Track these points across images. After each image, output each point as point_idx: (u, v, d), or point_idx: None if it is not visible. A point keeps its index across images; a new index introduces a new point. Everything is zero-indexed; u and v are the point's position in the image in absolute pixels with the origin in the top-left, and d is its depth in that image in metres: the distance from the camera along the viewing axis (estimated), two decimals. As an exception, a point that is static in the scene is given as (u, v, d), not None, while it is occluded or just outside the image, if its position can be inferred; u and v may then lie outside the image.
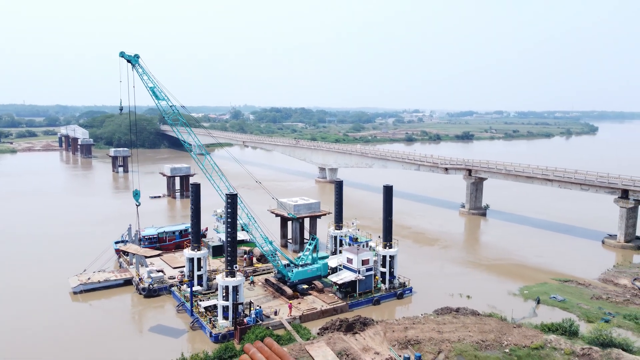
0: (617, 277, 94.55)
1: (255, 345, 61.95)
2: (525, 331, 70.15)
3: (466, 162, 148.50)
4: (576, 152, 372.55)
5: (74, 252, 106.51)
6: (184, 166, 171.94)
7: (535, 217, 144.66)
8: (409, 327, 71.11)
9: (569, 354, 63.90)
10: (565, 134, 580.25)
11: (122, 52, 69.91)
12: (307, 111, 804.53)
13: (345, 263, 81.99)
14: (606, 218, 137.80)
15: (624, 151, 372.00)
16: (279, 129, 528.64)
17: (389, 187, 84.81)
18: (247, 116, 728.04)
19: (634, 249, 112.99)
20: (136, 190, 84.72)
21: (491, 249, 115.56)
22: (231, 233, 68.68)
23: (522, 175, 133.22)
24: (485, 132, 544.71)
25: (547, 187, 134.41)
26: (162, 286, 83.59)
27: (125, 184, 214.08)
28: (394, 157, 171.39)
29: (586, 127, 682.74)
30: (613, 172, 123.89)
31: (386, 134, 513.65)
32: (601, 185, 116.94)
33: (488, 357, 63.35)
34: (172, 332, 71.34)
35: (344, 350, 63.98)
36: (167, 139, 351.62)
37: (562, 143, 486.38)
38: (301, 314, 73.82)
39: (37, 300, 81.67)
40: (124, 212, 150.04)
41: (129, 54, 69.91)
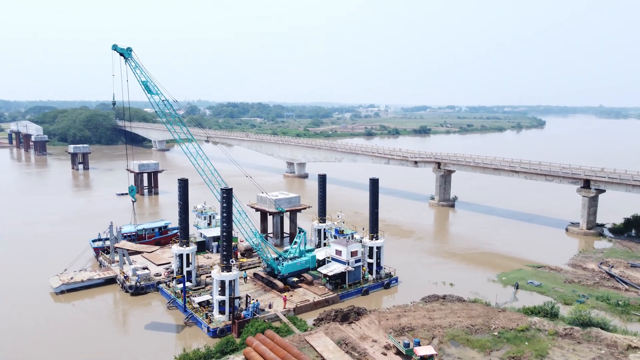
0: (584, 262, 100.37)
1: (257, 337, 62.53)
2: (510, 315, 73.83)
3: (435, 155, 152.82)
4: (528, 144, 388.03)
5: (46, 253, 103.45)
6: (152, 162, 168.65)
7: (500, 208, 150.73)
8: (401, 315, 73.45)
9: (552, 334, 67.85)
10: (516, 127, 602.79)
11: (115, 45, 68.27)
12: (264, 106, 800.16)
13: (334, 255, 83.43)
14: (566, 207, 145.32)
15: (572, 143, 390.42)
16: (237, 124, 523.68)
17: (375, 180, 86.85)
18: (204, 111, 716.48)
19: (595, 236, 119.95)
20: (132, 186, 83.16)
21: (463, 239, 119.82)
22: (227, 228, 68.69)
23: (489, 167, 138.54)
24: (440, 126, 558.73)
25: (513, 179, 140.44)
26: (149, 283, 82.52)
27: (86, 181, 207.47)
28: (364, 151, 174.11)
29: (535, 121, 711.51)
30: (574, 164, 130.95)
31: (345, 128, 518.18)
32: (565, 176, 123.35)
33: (479, 341, 66.39)
34: (166, 328, 70.83)
35: (343, 340, 65.52)
36: (124, 135, 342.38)
37: (514, 136, 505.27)
38: (295, 306, 74.79)
39: (18, 301, 78.97)
40: (90, 210, 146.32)
41: (122, 47, 68.39)
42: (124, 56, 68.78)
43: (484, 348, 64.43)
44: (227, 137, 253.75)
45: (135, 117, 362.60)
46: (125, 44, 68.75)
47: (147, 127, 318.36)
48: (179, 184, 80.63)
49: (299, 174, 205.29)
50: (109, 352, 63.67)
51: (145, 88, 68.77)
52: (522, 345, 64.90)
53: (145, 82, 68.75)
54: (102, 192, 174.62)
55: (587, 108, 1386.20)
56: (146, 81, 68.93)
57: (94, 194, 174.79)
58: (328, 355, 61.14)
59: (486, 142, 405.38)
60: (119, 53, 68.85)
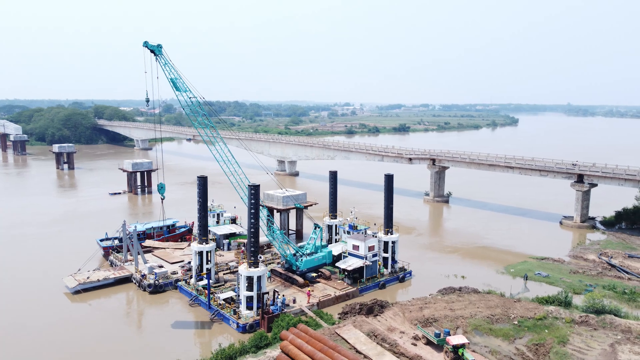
0: (584, 253, 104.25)
1: (291, 331, 63.43)
2: (526, 304, 76.46)
3: (430, 152, 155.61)
4: (505, 141, 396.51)
5: (48, 254, 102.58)
6: (145, 161, 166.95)
7: (493, 203, 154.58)
8: (423, 307, 75.33)
9: (569, 322, 70.71)
10: (491, 125, 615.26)
11: (146, 41, 67.89)
12: (240, 105, 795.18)
13: (350, 250, 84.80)
14: (556, 201, 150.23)
15: (546, 140, 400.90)
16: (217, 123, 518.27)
17: (390, 175, 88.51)
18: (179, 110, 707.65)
19: (588, 228, 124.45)
20: (161, 183, 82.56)
21: (462, 234, 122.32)
22: (254, 224, 69.29)
23: (484, 164, 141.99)
24: (418, 124, 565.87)
25: (507, 174, 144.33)
26: (167, 281, 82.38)
27: (71, 182, 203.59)
28: (357, 149, 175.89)
29: (508, 119, 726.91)
30: (565, 159, 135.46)
31: (325, 126, 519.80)
32: (559, 171, 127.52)
33: (502, 330, 68.73)
34: (192, 326, 71.02)
35: (372, 332, 66.99)
36: (104, 134, 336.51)
37: (490, 134, 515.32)
38: (318, 300, 75.87)
39: (36, 303, 77.90)
40: (82, 210, 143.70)
41: (152, 44, 68.07)
42: (154, 53, 68.51)
43: (507, 337, 66.76)
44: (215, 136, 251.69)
45: (115, 116, 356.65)
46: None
47: (129, 125, 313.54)
48: (198, 182, 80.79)
49: (290, 172, 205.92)
50: (138, 352, 63.65)
51: (174, 86, 68.67)
52: (542, 333, 67.48)
53: (174, 80, 68.67)
54: (92, 192, 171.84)
55: (556, 106, 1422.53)
56: (175, 79, 68.85)
57: (84, 194, 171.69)
58: (360, 346, 62.51)
59: (464, 139, 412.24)
60: (149, 50, 68.55)
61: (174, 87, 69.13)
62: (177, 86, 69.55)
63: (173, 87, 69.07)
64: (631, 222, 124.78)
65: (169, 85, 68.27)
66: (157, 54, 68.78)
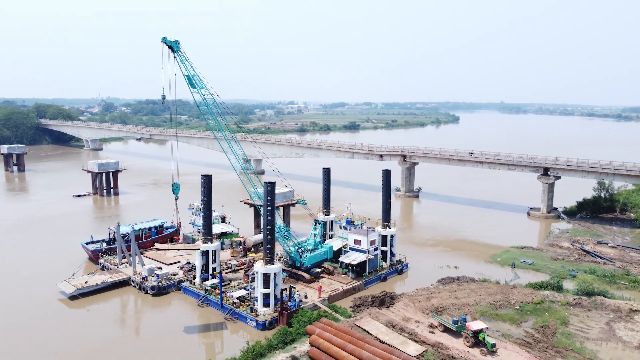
0: (559, 241, 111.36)
1: (316, 326, 64.33)
2: (522, 290, 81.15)
3: (401, 148, 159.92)
4: (454, 137, 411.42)
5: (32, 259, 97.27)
6: (112, 162, 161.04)
7: (460, 197, 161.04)
8: (430, 297, 78.28)
9: (564, 304, 75.83)
10: (436, 123, 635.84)
11: (165, 37, 66.07)
12: (184, 103, 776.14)
13: (352, 245, 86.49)
14: (519, 194, 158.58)
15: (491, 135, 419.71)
16: (163, 122, 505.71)
17: (387, 171, 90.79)
18: (120, 109, 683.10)
19: (554, 218, 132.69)
20: (176, 183, 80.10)
21: (439, 228, 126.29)
22: (270, 221, 69.50)
23: (454, 159, 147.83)
24: (366, 122, 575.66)
25: (476, 169, 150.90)
26: (170, 283, 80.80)
27: (21, 184, 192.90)
28: (327, 146, 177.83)
29: (450, 116, 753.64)
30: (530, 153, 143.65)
31: (275, 125, 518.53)
32: (527, 165, 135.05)
33: (507, 314, 72.81)
34: (208, 327, 70.29)
35: (389, 322, 69.06)
36: (49, 134, 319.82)
37: (436, 130, 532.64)
38: (328, 295, 77.06)
39: (33, 310, 74.38)
40: (43, 214, 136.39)
41: (171, 40, 66.36)
42: (172, 49, 66.97)
43: (513, 321, 70.83)
44: (174, 135, 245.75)
45: (59, 115, 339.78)
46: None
47: (77, 125, 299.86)
48: (203, 180, 79.77)
49: (256, 171, 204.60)
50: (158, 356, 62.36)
51: (189, 82, 67.47)
52: (544, 316, 72.08)
53: (191, 76, 67.46)
54: (50, 195, 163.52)
55: (490, 104, 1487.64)
56: (191, 75, 67.66)
57: (40, 197, 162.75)
58: (383, 337, 64.40)
59: (415, 136, 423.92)
60: (167, 46, 66.91)
61: (189, 84, 68.00)
62: (193, 83, 68.49)
63: (189, 84, 67.94)
64: (591, 211, 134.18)
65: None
66: (175, 50, 67.42)
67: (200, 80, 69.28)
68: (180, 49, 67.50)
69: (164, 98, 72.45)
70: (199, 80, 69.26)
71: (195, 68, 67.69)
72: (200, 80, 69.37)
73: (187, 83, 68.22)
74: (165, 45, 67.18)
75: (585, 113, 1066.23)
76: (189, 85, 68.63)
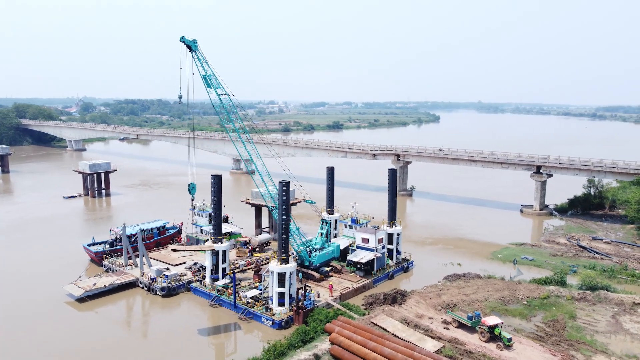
0: (555, 237, 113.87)
1: (335, 324, 64.84)
2: (527, 286, 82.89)
3: (395, 147, 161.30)
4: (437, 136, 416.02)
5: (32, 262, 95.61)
6: (104, 162, 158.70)
7: (453, 195, 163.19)
8: (439, 293, 79.44)
9: (570, 299, 77.80)
10: (417, 122, 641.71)
11: (183, 36, 65.52)
12: (164, 103, 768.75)
13: (359, 243, 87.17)
14: (510, 192, 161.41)
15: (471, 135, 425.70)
16: (144, 122, 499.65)
17: (394, 170, 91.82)
18: (99, 109, 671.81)
19: (547, 215, 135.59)
20: (192, 184, 79.24)
21: (436, 226, 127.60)
22: (285, 220, 69.71)
23: (448, 158, 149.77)
24: (349, 121, 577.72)
25: (470, 167, 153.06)
26: (179, 284, 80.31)
27: (6, 186, 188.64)
28: (320, 146, 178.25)
29: (430, 116, 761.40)
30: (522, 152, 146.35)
31: (257, 124, 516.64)
32: (520, 163, 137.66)
33: (516, 310, 74.35)
34: (223, 327, 70.02)
35: (404, 319, 69.99)
36: (29, 135, 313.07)
37: (418, 130, 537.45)
38: (340, 294, 77.58)
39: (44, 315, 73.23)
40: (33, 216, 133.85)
41: (189, 39, 65.84)
42: (190, 48, 66.55)
43: (523, 316, 72.36)
44: (163, 135, 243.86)
45: (40, 115, 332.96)
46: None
47: (60, 125, 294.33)
48: (213, 180, 79.52)
49: (246, 171, 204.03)
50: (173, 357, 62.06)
51: (205, 82, 67.16)
52: (551, 310, 73.83)
53: (209, 76, 67.10)
54: (38, 197, 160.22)
55: (468, 104, 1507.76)
56: (207, 75, 67.31)
57: (28, 199, 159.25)
58: (400, 334, 65.25)
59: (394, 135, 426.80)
60: (186, 45, 66.47)
61: (205, 83, 67.71)
62: (210, 83, 68.21)
63: (205, 84, 67.66)
64: (582, 208, 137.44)
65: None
66: (194, 50, 67.05)
67: (217, 80, 69.07)
68: (198, 48, 67.19)
69: (180, 98, 71.89)
70: (215, 80, 69.05)
71: (213, 67, 67.54)
72: (217, 80, 69.16)
73: (204, 83, 67.93)
74: (184, 44, 66.81)
75: (561, 112, 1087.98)
76: (205, 85, 68.37)
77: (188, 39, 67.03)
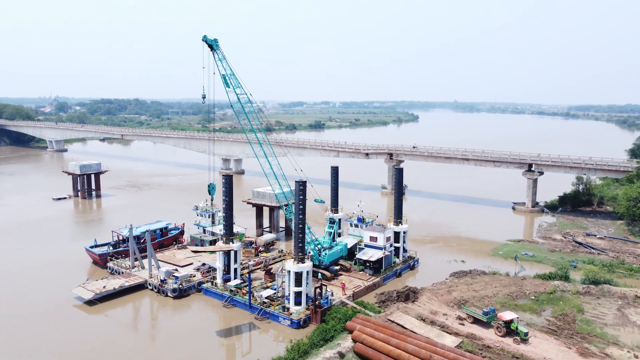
0: (551, 234, 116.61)
1: (355, 322, 65.32)
2: (533, 281, 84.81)
3: (388, 147, 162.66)
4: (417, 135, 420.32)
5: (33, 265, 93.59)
6: (94, 163, 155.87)
7: (445, 193, 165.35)
8: (449, 290, 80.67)
9: (575, 293, 79.91)
10: (397, 122, 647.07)
11: (205, 36, 64.91)
12: (141, 102, 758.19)
13: (367, 242, 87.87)
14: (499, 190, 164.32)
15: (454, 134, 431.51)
16: (123, 122, 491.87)
17: (400, 169, 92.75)
18: (74, 108, 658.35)
19: (538, 212, 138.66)
20: (212, 184, 78.30)
21: (432, 225, 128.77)
22: (302, 220, 69.90)
23: (441, 157, 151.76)
24: (330, 121, 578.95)
25: (463, 166, 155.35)
26: (190, 285, 79.72)
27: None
28: (312, 145, 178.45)
29: (409, 115, 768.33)
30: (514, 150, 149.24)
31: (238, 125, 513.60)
32: (512, 161, 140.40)
33: (525, 305, 76.00)
34: (240, 328, 69.76)
35: (419, 316, 70.95)
36: (6, 135, 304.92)
37: (398, 129, 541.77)
38: (352, 292, 78.12)
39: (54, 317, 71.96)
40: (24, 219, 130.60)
41: (211, 38, 65.28)
42: (212, 48, 66.04)
43: (533, 310, 74.04)
44: (149, 135, 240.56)
45: (17, 115, 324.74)
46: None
47: (40, 125, 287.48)
48: (224, 180, 79.05)
49: (236, 171, 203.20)
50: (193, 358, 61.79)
51: (224, 82, 66.77)
52: (559, 305, 75.71)
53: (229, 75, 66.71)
54: (28, 199, 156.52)
55: (444, 103, 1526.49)
56: (227, 75, 66.91)
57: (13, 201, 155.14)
58: (418, 330, 66.14)
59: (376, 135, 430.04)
60: (207, 44, 65.93)
61: (224, 83, 67.35)
62: (228, 82, 67.85)
63: (224, 83, 67.29)
64: (572, 205, 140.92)
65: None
66: (215, 49, 66.59)
67: (236, 79, 68.79)
68: (219, 48, 66.78)
69: (204, 97, 71.30)
70: (235, 79, 68.77)
71: (232, 67, 67.26)
72: (237, 80, 68.88)
73: (223, 82, 67.58)
74: (206, 43, 66.37)
75: (535, 112, 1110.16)
76: (224, 84, 68.03)
77: (210, 39, 66.61)
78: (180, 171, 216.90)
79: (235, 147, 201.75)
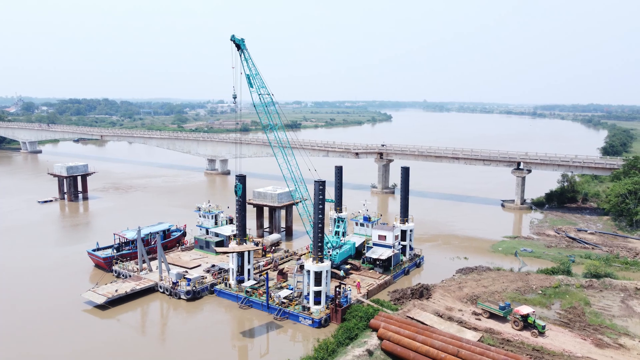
0: (544, 230, 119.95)
1: (378, 319, 66.05)
2: (537, 276, 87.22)
3: (378, 146, 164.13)
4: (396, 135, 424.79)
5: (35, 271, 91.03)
6: (81, 164, 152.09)
7: (434, 192, 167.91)
8: (460, 286, 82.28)
9: (579, 287, 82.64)
10: (372, 121, 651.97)
11: (233, 35, 64.22)
12: (111, 102, 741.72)
13: (376, 240, 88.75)
14: (486, 188, 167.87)
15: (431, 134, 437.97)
16: (94, 122, 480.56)
17: (406, 168, 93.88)
18: (42, 108, 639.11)
19: (527, 209, 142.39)
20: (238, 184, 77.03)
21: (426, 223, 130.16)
22: (321, 219, 70.21)
23: (432, 155, 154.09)
24: (305, 120, 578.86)
25: (453, 165, 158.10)
26: (203, 287, 79.02)
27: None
28: (301, 145, 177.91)
29: (382, 115, 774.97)
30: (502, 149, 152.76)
31: (213, 124, 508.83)
32: (502, 160, 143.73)
33: (534, 299, 78.19)
34: (259, 329, 69.61)
35: (436, 312, 72.27)
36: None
37: (373, 129, 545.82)
38: (367, 290, 78.87)
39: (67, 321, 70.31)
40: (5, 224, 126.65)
41: (239, 38, 64.65)
42: (239, 47, 65.48)
43: (543, 304, 76.25)
44: (131, 135, 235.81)
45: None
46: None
47: (13, 126, 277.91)
48: (237, 180, 78.55)
49: (222, 171, 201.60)
50: None
51: (248, 81, 66.37)
52: (566, 298, 78.21)
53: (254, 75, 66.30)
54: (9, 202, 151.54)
55: (414, 103, 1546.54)
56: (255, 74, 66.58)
57: None
58: (439, 326, 67.38)
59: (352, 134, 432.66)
60: (235, 44, 65.34)
61: (248, 83, 66.97)
62: (252, 82, 67.48)
63: (248, 82, 66.90)
64: (558, 201, 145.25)
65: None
66: (242, 49, 66.12)
67: (260, 79, 68.48)
68: (246, 47, 66.35)
69: (235, 97, 70.52)
70: (259, 79, 68.47)
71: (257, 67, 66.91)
72: (261, 80, 68.58)
73: (247, 81, 67.24)
74: (234, 43, 65.89)
75: (503, 111, 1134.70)
76: (248, 84, 67.70)
77: (237, 38, 66.15)
78: (162, 172, 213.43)
79: (221, 148, 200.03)
